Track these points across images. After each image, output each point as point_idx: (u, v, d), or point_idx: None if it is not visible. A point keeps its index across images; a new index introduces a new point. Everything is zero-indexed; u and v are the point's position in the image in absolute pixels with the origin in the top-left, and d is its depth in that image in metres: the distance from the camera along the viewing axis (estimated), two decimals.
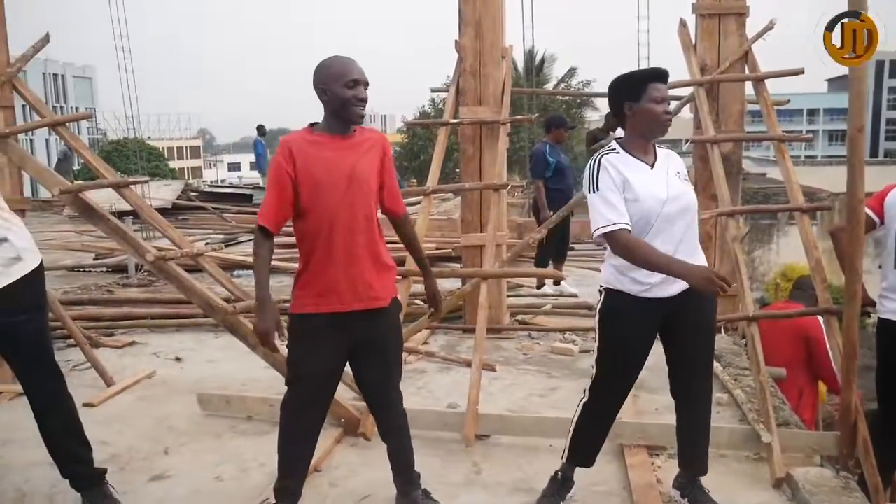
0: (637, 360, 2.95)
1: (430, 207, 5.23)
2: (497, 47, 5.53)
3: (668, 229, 2.77)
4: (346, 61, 2.73)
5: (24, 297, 2.87)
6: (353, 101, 2.67)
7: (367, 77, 2.73)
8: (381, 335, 2.84)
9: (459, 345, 5.52)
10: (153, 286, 7.88)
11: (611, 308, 2.91)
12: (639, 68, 3.20)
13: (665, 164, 2.85)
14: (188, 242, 4.35)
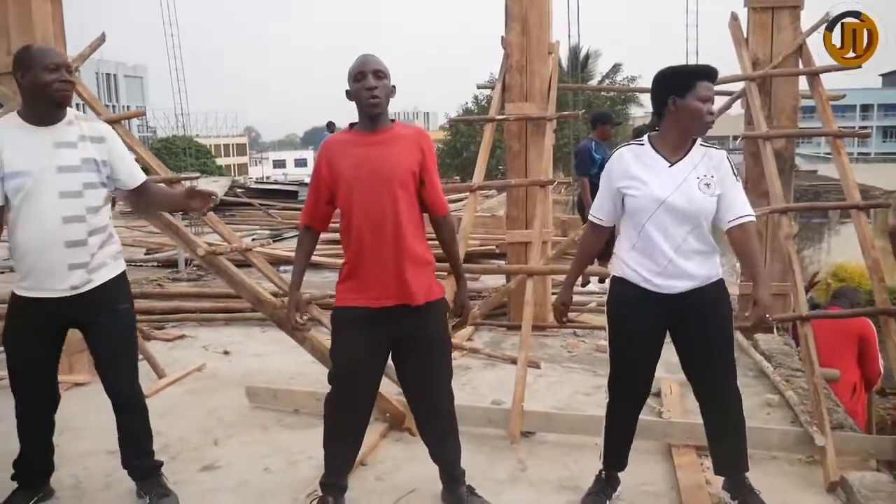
0: (644, 354, 2.90)
1: (475, 204, 5.22)
2: (543, 43, 5.50)
3: (666, 230, 2.74)
4: (358, 58, 2.78)
5: (125, 289, 3.03)
6: (363, 94, 2.70)
7: (377, 66, 2.73)
8: (420, 332, 2.83)
9: (504, 341, 5.52)
10: (202, 280, 8.04)
11: (615, 297, 2.92)
12: (688, 64, 3.13)
13: (692, 164, 2.76)
14: (237, 238, 4.43)
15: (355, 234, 2.73)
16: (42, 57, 2.75)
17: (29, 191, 2.73)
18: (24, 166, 2.73)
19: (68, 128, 2.83)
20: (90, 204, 2.84)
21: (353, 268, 2.78)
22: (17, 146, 2.74)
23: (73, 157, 2.79)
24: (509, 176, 5.59)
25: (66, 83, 2.77)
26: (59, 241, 2.77)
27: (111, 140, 2.93)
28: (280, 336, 5.54)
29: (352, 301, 2.78)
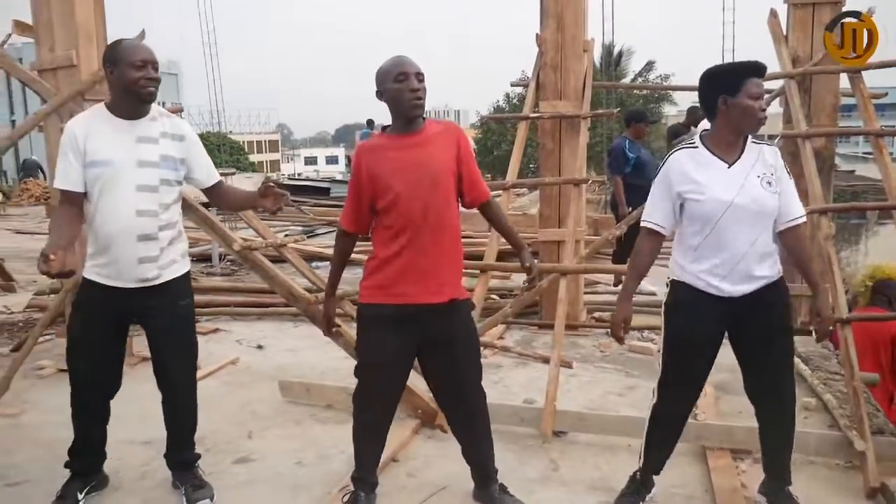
0: (701, 359, 2.84)
1: (508, 202, 5.21)
2: (579, 41, 5.47)
3: (735, 233, 2.66)
4: (396, 58, 2.77)
5: (187, 286, 3.10)
6: (406, 95, 2.69)
7: (418, 68, 2.73)
8: (449, 331, 2.83)
9: (535, 340, 5.50)
10: (235, 275, 8.13)
11: (674, 301, 2.86)
12: (735, 61, 3.05)
13: (749, 163, 2.70)
14: (272, 233, 4.47)
15: (392, 233, 2.73)
16: (130, 54, 2.79)
17: (108, 181, 2.80)
18: (106, 156, 2.79)
19: (151, 123, 2.88)
20: (163, 200, 2.89)
21: (383, 265, 2.77)
22: (100, 137, 2.81)
23: (152, 153, 2.85)
24: (542, 174, 5.57)
25: (151, 80, 2.82)
26: (132, 233, 2.83)
27: (191, 139, 2.99)
28: (312, 331, 5.59)
29: (380, 298, 2.78)
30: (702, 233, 2.70)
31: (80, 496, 3.09)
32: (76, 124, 2.86)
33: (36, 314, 6.33)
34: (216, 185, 3.10)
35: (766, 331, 2.77)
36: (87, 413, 3.07)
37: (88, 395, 3.04)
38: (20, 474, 3.40)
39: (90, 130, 2.82)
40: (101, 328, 2.95)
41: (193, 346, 3.18)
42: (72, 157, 2.81)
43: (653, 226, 2.82)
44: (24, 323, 6.30)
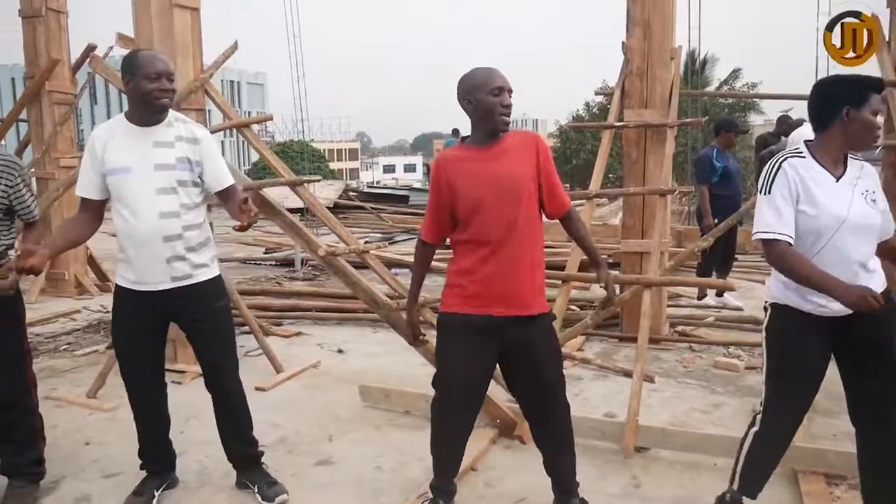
0: (810, 384, 2.68)
1: (592, 211, 5.14)
2: (666, 48, 5.36)
3: (842, 250, 2.51)
4: (490, 70, 2.75)
5: (221, 288, 3.16)
6: (498, 109, 2.68)
7: (510, 84, 2.73)
8: (531, 343, 2.78)
9: (615, 353, 5.40)
10: (317, 280, 8.30)
11: (778, 326, 2.68)
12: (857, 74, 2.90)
13: (853, 178, 2.56)
14: (355, 240, 4.54)
15: (473, 244, 2.72)
16: (146, 65, 2.88)
17: (128, 187, 2.91)
18: (124, 163, 2.91)
19: (167, 129, 2.97)
20: (184, 201, 2.97)
21: (464, 275, 2.76)
22: (118, 145, 2.93)
23: (168, 156, 2.93)
24: (627, 184, 5.47)
25: (165, 91, 2.90)
26: (158, 235, 2.92)
27: (205, 143, 3.04)
28: (391, 337, 5.65)
29: (461, 308, 2.77)
30: (812, 249, 2.54)
31: (156, 493, 3.21)
32: (97, 133, 2.99)
33: None
34: (225, 191, 3.08)
35: (874, 347, 2.62)
36: (141, 414, 3.19)
37: (140, 398, 3.16)
38: (116, 466, 3.56)
39: (109, 139, 2.94)
40: (138, 333, 3.03)
41: (235, 347, 3.26)
42: (89, 165, 2.96)
43: (785, 237, 2.51)
44: None
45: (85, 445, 3.84)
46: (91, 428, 4.08)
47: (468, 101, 2.72)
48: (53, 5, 7.67)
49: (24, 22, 7.75)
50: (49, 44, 7.67)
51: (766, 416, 2.75)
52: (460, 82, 2.76)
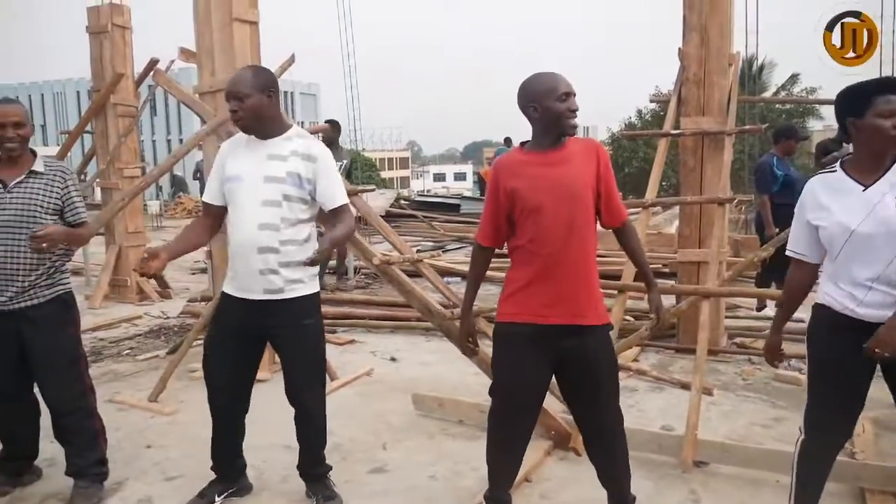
0: (846, 387, 2.61)
1: (647, 220, 5.07)
2: (723, 54, 5.26)
3: (863, 258, 2.49)
4: (554, 76, 2.73)
5: (313, 306, 3.19)
6: (566, 114, 2.66)
7: (573, 88, 2.71)
8: (587, 353, 2.74)
9: (672, 364, 5.30)
10: (369, 288, 8.36)
11: (815, 323, 2.69)
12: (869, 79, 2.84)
13: (891, 185, 2.50)
14: (409, 248, 4.56)
15: (531, 251, 2.69)
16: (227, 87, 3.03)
17: (237, 195, 3.02)
18: (237, 172, 3.03)
19: (284, 142, 3.05)
20: (286, 215, 3.01)
21: (522, 284, 2.74)
22: (239, 154, 3.08)
23: (279, 169, 2.99)
24: (683, 193, 5.38)
25: (233, 112, 2.99)
26: (253, 245, 2.99)
27: (322, 161, 3.05)
28: (444, 346, 5.66)
29: (518, 317, 2.75)
30: (831, 258, 2.61)
31: (217, 499, 3.27)
32: (226, 143, 3.18)
33: (189, 319, 6.79)
34: (333, 211, 3.11)
35: None
36: (220, 420, 3.25)
37: (220, 402, 3.21)
38: (176, 469, 3.65)
39: (232, 150, 3.12)
40: (232, 338, 3.10)
41: (321, 367, 3.28)
42: (215, 172, 3.13)
43: (792, 254, 2.75)
44: (179, 327, 6.77)
45: (146, 448, 3.94)
46: (152, 431, 4.19)
47: (533, 108, 2.69)
48: (119, 21, 7.95)
49: (91, 38, 8.05)
50: (114, 58, 7.95)
51: (806, 422, 2.75)
52: (523, 88, 2.74)
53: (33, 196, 3.17)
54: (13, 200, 3.14)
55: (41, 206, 3.16)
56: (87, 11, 8.01)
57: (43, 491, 3.46)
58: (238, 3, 4.77)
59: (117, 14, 7.95)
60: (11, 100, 3.40)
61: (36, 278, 3.19)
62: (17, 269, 3.15)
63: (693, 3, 5.24)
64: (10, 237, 3.14)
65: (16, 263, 3.15)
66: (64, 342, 3.29)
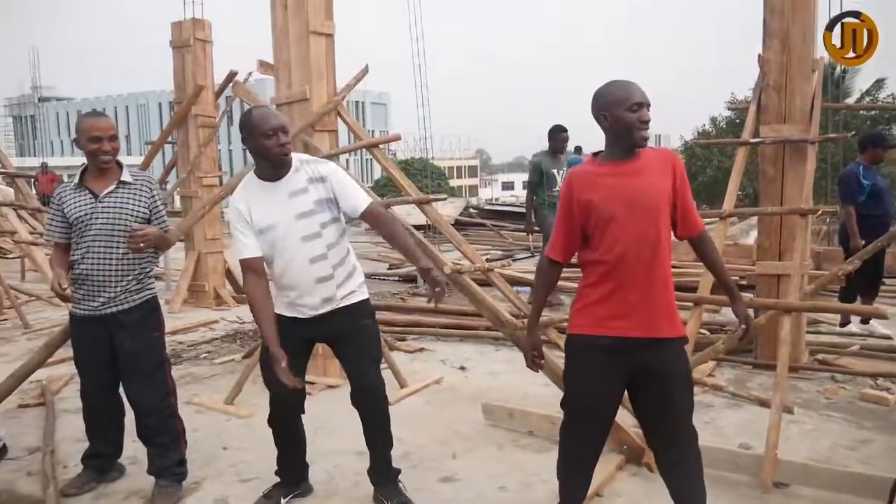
0: None
1: (725, 231, 4.94)
2: (806, 60, 5.08)
3: None
4: (628, 85, 2.67)
5: (367, 309, 3.28)
6: (637, 126, 2.61)
7: (648, 99, 2.65)
8: (662, 366, 2.68)
9: (749, 380, 5.13)
10: None
11: None
12: None
13: None
14: (480, 257, 4.56)
15: (605, 263, 2.65)
16: (260, 125, 2.97)
17: (277, 242, 3.05)
18: (269, 221, 3.04)
19: (296, 175, 3.07)
20: (329, 241, 3.08)
21: (595, 296, 2.69)
22: (260, 205, 3.05)
23: (306, 202, 3.04)
24: (763, 203, 5.22)
25: (283, 146, 2.98)
26: (310, 280, 3.08)
27: (331, 177, 3.09)
28: (514, 355, 5.64)
29: (591, 329, 2.70)
30: None
31: (283, 500, 3.34)
32: (237, 201, 3.09)
33: None
34: (367, 212, 3.12)
35: None
36: (282, 426, 3.33)
37: (281, 410, 3.29)
38: (252, 471, 3.74)
39: (250, 202, 3.06)
40: (288, 350, 3.11)
41: (378, 357, 3.33)
42: (243, 229, 3.06)
43: None
44: (253, 332, 6.93)
45: (223, 450, 4.05)
46: (229, 433, 4.30)
47: (604, 117, 2.65)
48: (200, 36, 8.24)
49: (174, 52, 8.37)
50: (195, 71, 8.25)
51: None
52: (596, 96, 2.70)
53: (123, 206, 3.31)
54: (104, 210, 3.30)
55: (131, 216, 3.30)
56: (171, 26, 8.34)
57: (126, 488, 3.60)
58: (314, 16, 4.88)
59: (199, 28, 8.25)
60: (102, 113, 3.57)
61: (126, 284, 3.33)
62: (109, 276, 3.30)
63: (774, 8, 5.08)
64: (103, 245, 3.29)
65: (108, 270, 3.30)
66: (150, 346, 3.43)
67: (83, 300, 3.36)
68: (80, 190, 3.35)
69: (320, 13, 4.93)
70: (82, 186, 3.36)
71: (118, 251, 3.29)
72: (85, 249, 3.31)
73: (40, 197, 15.03)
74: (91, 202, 3.31)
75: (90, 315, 3.35)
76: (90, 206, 3.31)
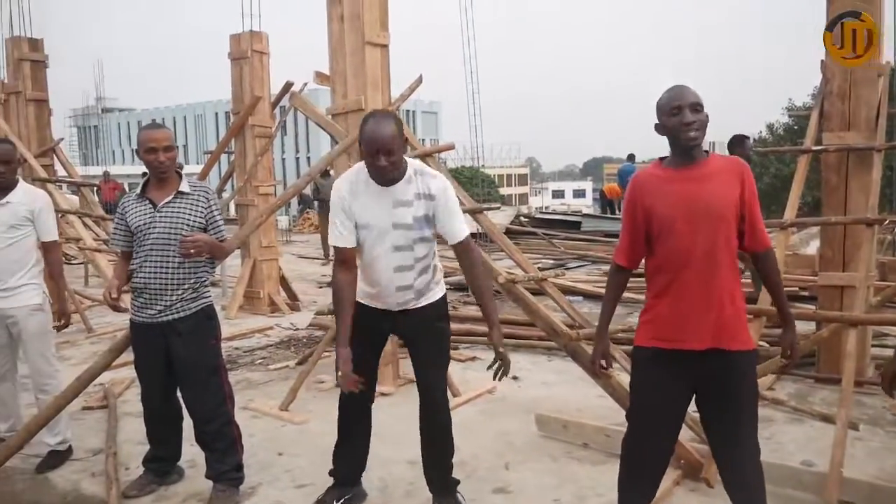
0: None
1: (786, 242, 4.81)
2: (872, 65, 4.93)
3: None
4: (672, 89, 2.65)
5: (441, 309, 3.30)
6: (680, 128, 2.57)
7: (696, 99, 2.59)
8: (729, 380, 2.62)
9: (811, 395, 4.98)
10: None
11: None
12: None
13: None
14: (533, 267, 4.54)
15: (670, 272, 2.61)
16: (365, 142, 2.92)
17: (370, 242, 3.09)
18: (368, 220, 3.07)
19: (406, 186, 3.05)
20: (418, 255, 3.11)
21: (662, 306, 2.65)
22: (363, 201, 3.06)
23: (407, 216, 3.04)
24: (825, 212, 5.07)
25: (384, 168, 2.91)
26: (391, 286, 3.11)
27: (440, 200, 3.05)
28: (567, 366, 5.58)
29: (658, 341, 2.66)
30: None
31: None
32: (342, 185, 3.12)
33: (317, 332, 7.04)
34: (461, 243, 3.12)
35: None
36: (349, 420, 3.36)
37: (351, 402, 3.29)
38: (306, 477, 3.78)
39: (354, 192, 3.08)
40: (364, 343, 3.18)
41: (445, 359, 3.35)
42: (343, 216, 3.08)
43: None
44: (307, 339, 7.03)
45: (278, 455, 4.10)
46: (284, 439, 4.36)
47: (659, 125, 2.65)
48: (258, 47, 8.42)
49: (232, 63, 8.56)
50: (253, 82, 8.42)
51: None
52: (656, 104, 2.69)
53: (180, 215, 3.40)
54: (162, 220, 3.39)
55: (188, 225, 3.39)
56: (230, 39, 8.54)
57: (185, 491, 3.67)
58: (370, 28, 4.93)
59: (256, 41, 8.42)
60: (160, 125, 3.68)
61: (183, 292, 3.41)
62: (166, 285, 3.39)
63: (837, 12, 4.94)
64: (160, 254, 3.38)
65: (164, 279, 3.38)
66: (206, 353, 3.50)
67: (142, 308, 3.45)
68: (142, 200, 3.45)
69: (376, 24, 4.98)
70: (144, 196, 3.46)
71: (174, 260, 3.37)
72: (143, 258, 3.40)
73: (103, 205, 15.50)
74: (150, 212, 3.41)
75: (148, 322, 3.44)
76: (149, 215, 3.40)
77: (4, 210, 3.87)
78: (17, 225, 3.88)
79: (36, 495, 3.70)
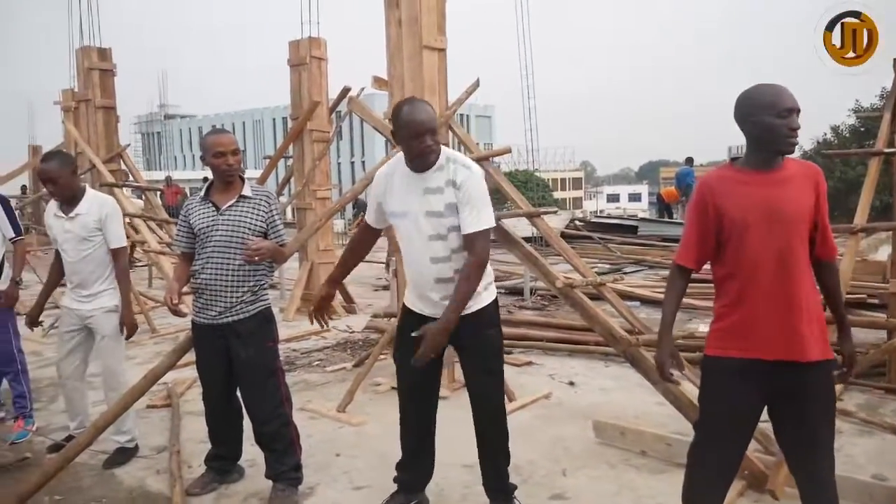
0: None
1: (856, 247, 4.65)
2: None
3: None
4: (778, 89, 2.52)
5: (492, 315, 3.22)
6: (785, 132, 2.46)
7: (798, 104, 2.50)
8: (803, 391, 2.51)
9: (882, 406, 4.79)
10: (546, 310, 8.31)
11: None
12: None
13: None
14: (591, 271, 4.49)
15: (742, 279, 2.52)
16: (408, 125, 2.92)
17: (404, 231, 3.10)
18: (399, 208, 3.08)
19: (438, 174, 3.02)
20: (453, 245, 3.05)
21: (734, 315, 2.56)
22: (397, 188, 3.09)
23: (438, 203, 3.00)
24: None
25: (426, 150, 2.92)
26: (430, 278, 3.07)
27: (464, 185, 2.97)
28: (624, 372, 5.52)
29: (730, 351, 2.57)
30: None
31: None
32: (382, 171, 3.20)
33: (373, 334, 7.10)
34: (467, 235, 3.00)
35: None
36: (410, 428, 3.34)
37: (411, 409, 3.31)
38: (363, 479, 3.80)
39: (390, 180, 3.11)
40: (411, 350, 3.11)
41: (498, 371, 3.27)
42: (374, 198, 3.19)
43: None
44: (363, 341, 7.09)
45: (336, 457, 4.14)
46: (341, 441, 4.40)
47: (751, 122, 2.52)
48: (316, 53, 8.55)
49: (291, 70, 8.72)
50: (311, 88, 8.55)
51: None
52: (742, 100, 2.58)
53: (242, 219, 3.46)
54: (224, 223, 3.46)
55: (249, 228, 3.45)
56: (289, 45, 8.70)
57: (245, 490, 3.74)
58: (428, 32, 4.96)
59: (315, 47, 8.56)
60: (225, 130, 3.75)
61: (242, 295, 3.47)
62: (225, 287, 3.45)
63: None
64: (221, 257, 3.45)
65: (224, 281, 3.45)
66: (264, 355, 3.56)
67: (202, 310, 3.52)
68: (205, 203, 3.53)
69: (433, 29, 5.01)
70: (207, 199, 3.54)
71: (234, 262, 3.44)
72: (205, 260, 3.48)
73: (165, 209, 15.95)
74: (213, 215, 3.48)
75: (208, 324, 3.51)
76: (212, 218, 3.48)
77: (74, 223, 4.02)
78: (88, 237, 4.03)
79: (103, 491, 3.81)
